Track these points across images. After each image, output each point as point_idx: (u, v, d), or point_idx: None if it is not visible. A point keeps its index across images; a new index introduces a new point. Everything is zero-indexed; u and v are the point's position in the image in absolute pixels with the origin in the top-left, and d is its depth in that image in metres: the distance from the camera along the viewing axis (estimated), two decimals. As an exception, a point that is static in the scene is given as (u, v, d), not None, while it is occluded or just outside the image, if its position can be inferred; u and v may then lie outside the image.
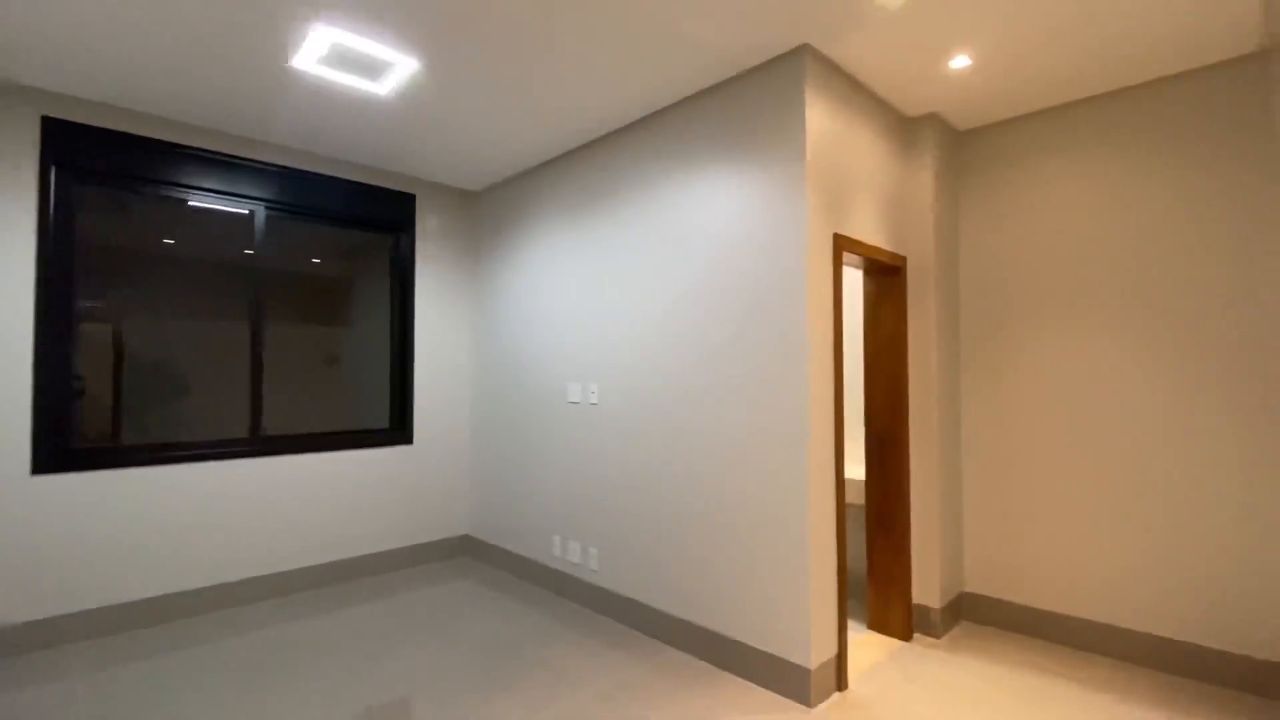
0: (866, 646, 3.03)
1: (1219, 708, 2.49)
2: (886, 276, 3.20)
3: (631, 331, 3.29)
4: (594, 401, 3.51)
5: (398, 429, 4.34)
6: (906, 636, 3.09)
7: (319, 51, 2.64)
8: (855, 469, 3.75)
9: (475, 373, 4.59)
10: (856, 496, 3.52)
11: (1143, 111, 2.88)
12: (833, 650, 2.61)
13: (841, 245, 2.71)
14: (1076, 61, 2.70)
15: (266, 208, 3.83)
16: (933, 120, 3.21)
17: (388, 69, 2.79)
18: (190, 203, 3.59)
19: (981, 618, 3.30)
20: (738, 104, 2.81)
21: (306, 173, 3.91)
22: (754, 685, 2.66)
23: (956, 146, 3.47)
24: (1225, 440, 2.65)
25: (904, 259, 3.18)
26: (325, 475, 3.93)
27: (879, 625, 3.18)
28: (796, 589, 2.54)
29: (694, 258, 2.98)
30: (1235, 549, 2.62)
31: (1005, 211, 3.30)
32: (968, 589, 3.37)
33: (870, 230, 2.96)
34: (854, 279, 3.91)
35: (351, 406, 4.24)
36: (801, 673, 2.51)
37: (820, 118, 2.64)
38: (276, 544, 3.72)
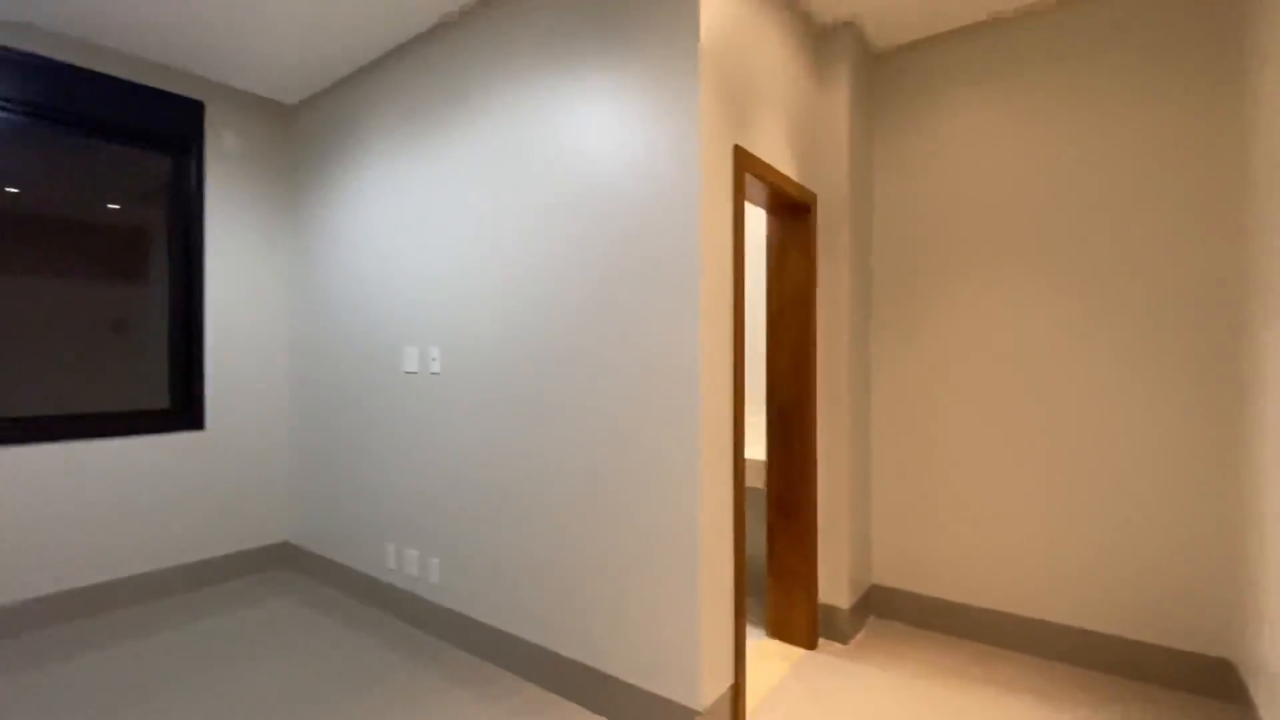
0: (766, 660, 2.53)
1: (1151, 705, 2.20)
2: (794, 217, 2.67)
3: (482, 280, 2.54)
4: (435, 371, 2.73)
5: (182, 411, 3.31)
6: (811, 644, 2.62)
7: None
8: (755, 447, 3.24)
9: (293, 338, 3.63)
10: (756, 479, 3.01)
11: (1086, 26, 2.49)
12: (728, 680, 2.06)
13: (744, 163, 2.10)
14: (1017, -44, 2.25)
15: (-47, 98, 2.67)
16: (849, 33, 2.69)
17: None
18: None
19: (891, 613, 2.91)
20: (613, -29, 2.12)
21: (16, 54, 2.76)
22: (630, 732, 2.06)
23: (873, 68, 2.98)
24: (1170, 419, 2.34)
25: (814, 196, 2.65)
26: (59, 474, 2.87)
27: (780, 631, 2.70)
28: (685, 609, 1.95)
29: (561, 183, 2.27)
30: (1172, 536, 2.33)
31: (925, 148, 2.86)
32: (876, 581, 2.97)
33: (777, 155, 2.39)
34: (756, 224, 3.38)
35: (143, 384, 3.20)
36: (689, 716, 1.93)
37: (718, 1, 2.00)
38: (-22, 573, 2.65)
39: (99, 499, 2.98)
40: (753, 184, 2.33)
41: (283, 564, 3.64)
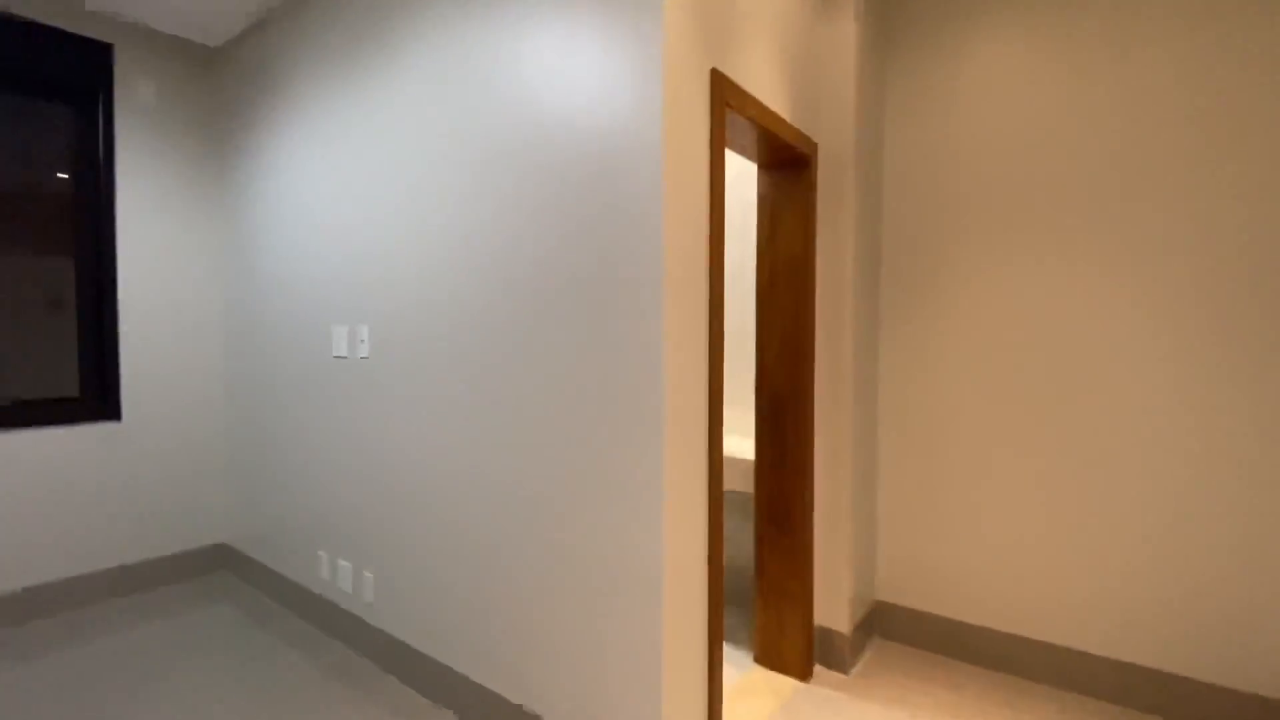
0: (752, 696, 2.16)
1: (1210, 764, 1.82)
2: (790, 171, 2.24)
3: (416, 247, 2.13)
4: (364, 355, 2.33)
5: (95, 400, 2.92)
6: (805, 674, 2.25)
7: None
8: (744, 445, 2.85)
9: (226, 317, 3.22)
10: (745, 483, 2.61)
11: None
12: (701, 737, 1.69)
13: (724, 91, 1.67)
14: None
15: None
16: (857, -52, 2.23)
17: None
18: None
19: (898, 635, 2.54)
20: None
21: None
22: (580, 797, 1.69)
23: None
24: (1235, 420, 1.92)
25: (814, 146, 2.22)
26: (-59, 473, 2.50)
27: (769, 658, 2.33)
28: (645, 644, 1.57)
29: (501, 126, 1.85)
30: (1235, 554, 1.93)
31: (947, 92, 2.41)
32: (881, 598, 2.59)
33: (769, 91, 1.96)
34: (744, 180, 2.94)
35: (55, 369, 2.83)
36: (650, 785, 1.56)
37: None
38: None
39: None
40: (739, 127, 1.90)
41: (220, 568, 3.28)
